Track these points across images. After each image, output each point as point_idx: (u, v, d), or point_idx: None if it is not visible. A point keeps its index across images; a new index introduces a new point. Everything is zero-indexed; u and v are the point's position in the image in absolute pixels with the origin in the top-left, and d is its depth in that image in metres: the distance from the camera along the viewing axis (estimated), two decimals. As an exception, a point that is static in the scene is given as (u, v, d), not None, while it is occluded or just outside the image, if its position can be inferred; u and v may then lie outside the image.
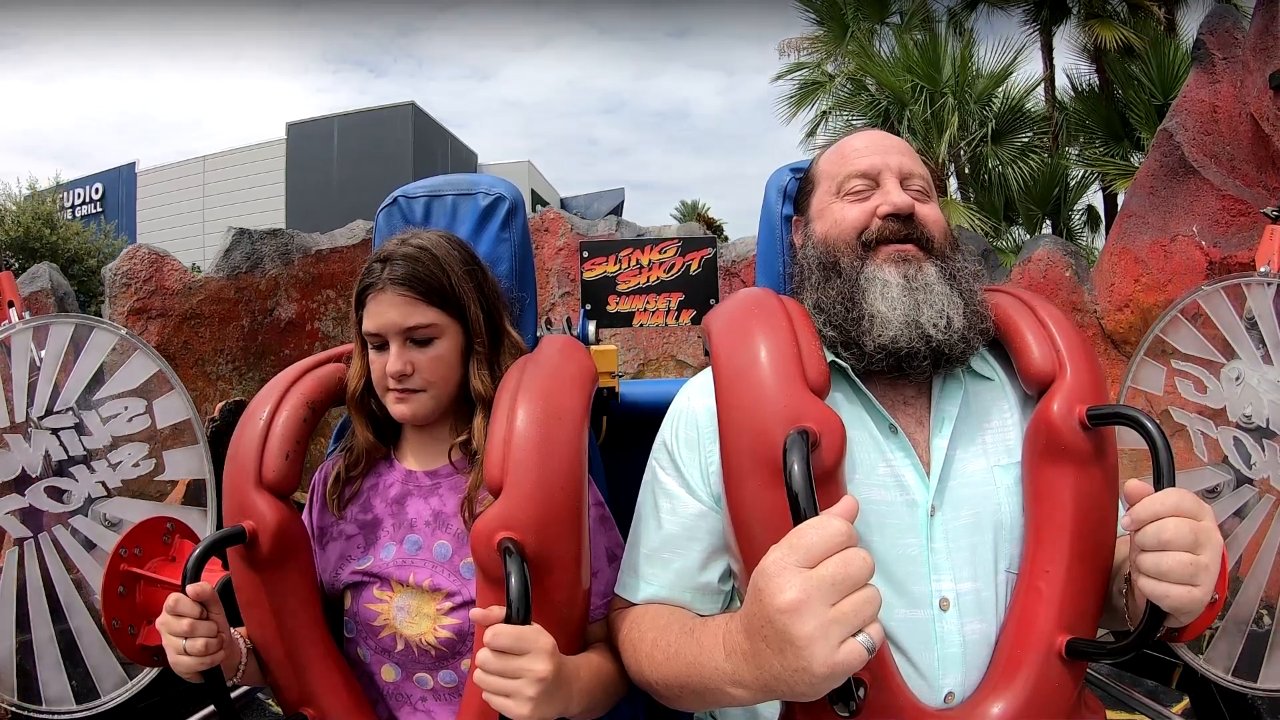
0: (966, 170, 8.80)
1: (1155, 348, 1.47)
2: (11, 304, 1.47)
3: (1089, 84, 8.55)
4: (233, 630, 0.99)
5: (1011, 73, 8.63)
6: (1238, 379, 1.41)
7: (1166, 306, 1.42)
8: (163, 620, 0.91)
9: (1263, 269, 1.51)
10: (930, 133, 8.38)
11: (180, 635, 0.90)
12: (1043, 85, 9.01)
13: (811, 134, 9.97)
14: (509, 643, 0.78)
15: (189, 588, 0.90)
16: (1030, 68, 9.10)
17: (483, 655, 0.79)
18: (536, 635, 0.80)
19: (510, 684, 0.78)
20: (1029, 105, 8.93)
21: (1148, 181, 3.23)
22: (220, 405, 2.64)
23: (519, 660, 0.78)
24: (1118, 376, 3.48)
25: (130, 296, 3.28)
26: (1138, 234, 3.23)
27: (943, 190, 8.67)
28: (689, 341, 4.29)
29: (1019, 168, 8.48)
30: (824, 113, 9.83)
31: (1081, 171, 8.27)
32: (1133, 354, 1.50)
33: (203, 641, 0.90)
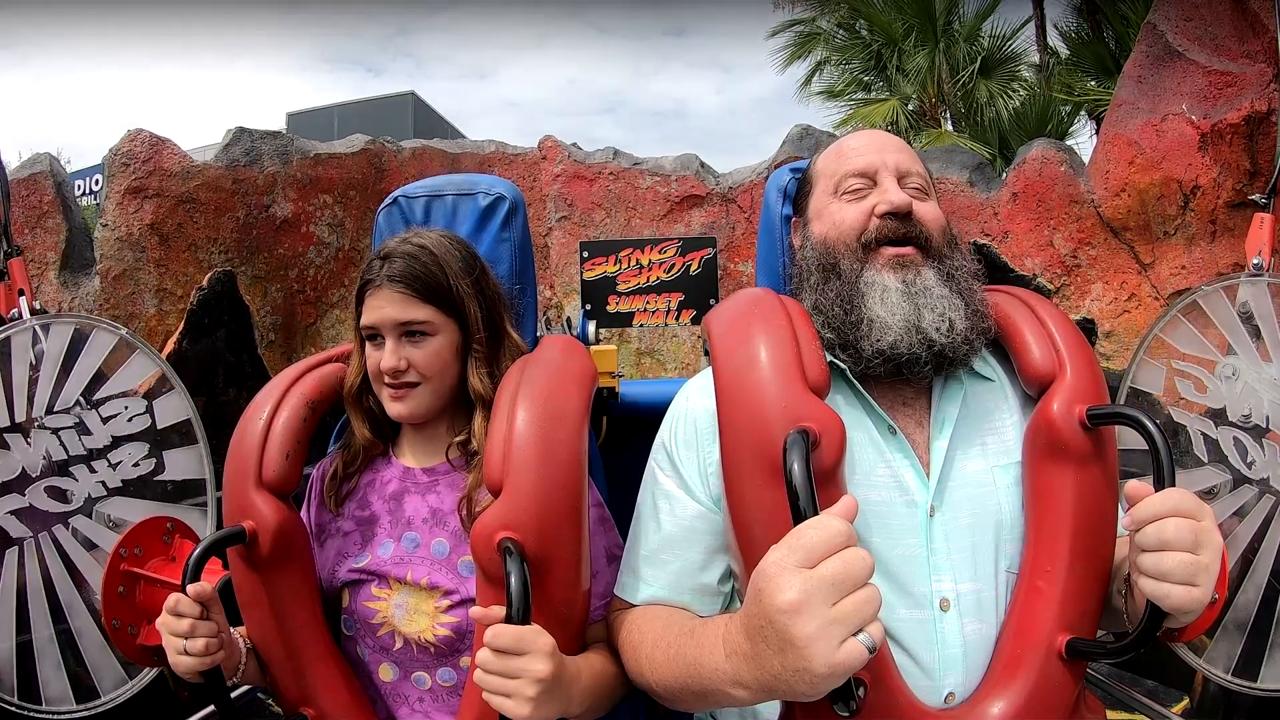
0: (960, 108, 9.00)
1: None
2: (21, 292, 1.47)
3: (1078, 29, 8.68)
4: (233, 630, 0.99)
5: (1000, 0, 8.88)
6: (1233, 375, 1.41)
7: (1162, 186, 1.40)
8: (163, 620, 0.91)
9: (1255, 260, 1.52)
10: (922, 71, 8.62)
11: (180, 635, 0.90)
12: (1034, 31, 9.19)
13: (807, 83, 10.26)
14: (509, 643, 0.78)
15: (189, 588, 0.90)
16: (1020, 11, 9.34)
17: (482, 655, 0.79)
18: (536, 635, 0.80)
19: (510, 684, 0.78)
20: (1019, 42, 9.21)
21: (1135, 71, 3.31)
22: (209, 275, 2.65)
23: (519, 660, 0.78)
24: (1119, 266, 3.47)
25: (128, 176, 3.32)
26: (1129, 119, 3.31)
27: (936, 125, 8.88)
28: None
29: (1008, 98, 8.68)
30: (819, 64, 10.13)
31: (1073, 105, 8.35)
32: (1133, 354, 1.50)
33: (203, 642, 0.90)
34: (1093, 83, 8.07)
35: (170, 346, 2.48)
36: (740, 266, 4.28)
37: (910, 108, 9.06)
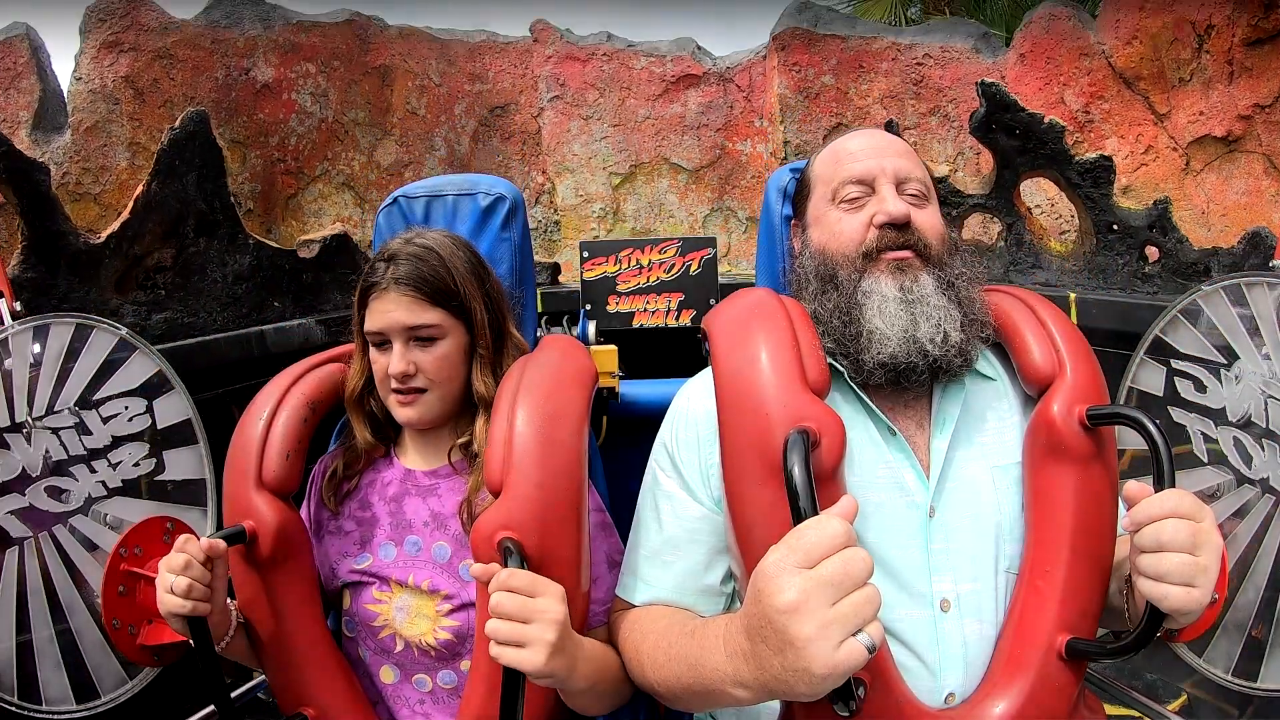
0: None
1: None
2: (1, 294, 1.47)
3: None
4: (229, 602, 0.99)
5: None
6: (1232, 376, 1.42)
7: (1175, 29, 1.30)
8: (166, 558, 0.91)
9: (1275, 264, 1.52)
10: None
11: (174, 571, 0.89)
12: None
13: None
14: (524, 583, 0.79)
15: (204, 540, 0.91)
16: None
17: (497, 599, 0.78)
18: (548, 582, 0.81)
19: (526, 630, 0.78)
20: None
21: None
22: (182, 115, 2.49)
23: (535, 601, 0.79)
24: (1134, 119, 3.32)
25: (104, 30, 3.28)
26: (1138, -35, 3.15)
27: (941, 14, 8.76)
28: (683, 145, 4.17)
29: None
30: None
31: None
32: (1133, 354, 1.50)
33: (187, 582, 0.88)
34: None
35: (139, 190, 2.36)
36: (739, 146, 4.11)
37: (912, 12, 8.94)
